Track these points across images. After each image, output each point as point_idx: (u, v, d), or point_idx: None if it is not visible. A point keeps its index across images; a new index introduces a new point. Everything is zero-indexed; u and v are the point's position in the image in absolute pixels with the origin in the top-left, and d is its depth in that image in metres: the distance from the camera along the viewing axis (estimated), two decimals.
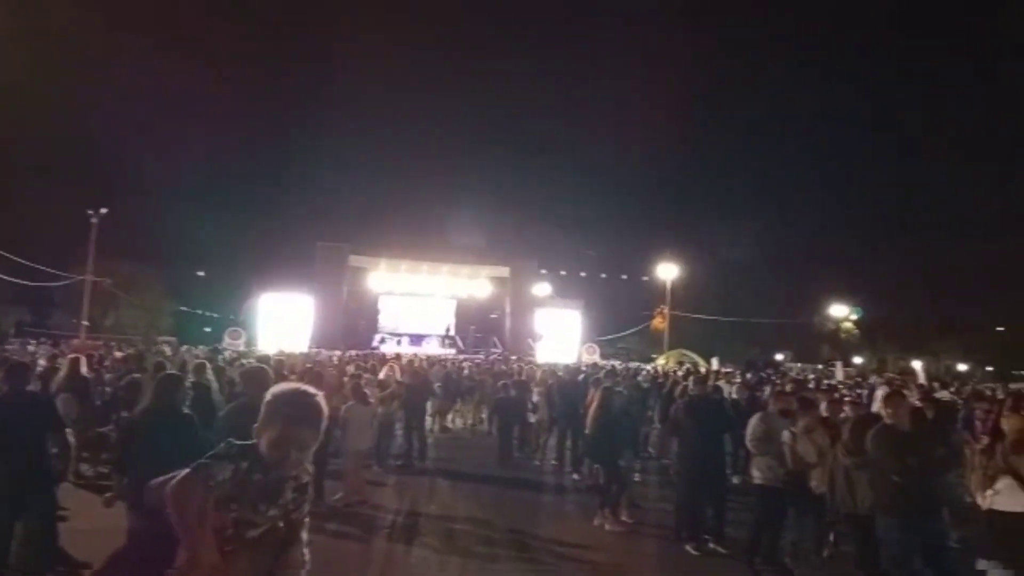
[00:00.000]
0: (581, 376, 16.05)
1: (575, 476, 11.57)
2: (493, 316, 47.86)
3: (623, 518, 8.75)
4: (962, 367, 54.65)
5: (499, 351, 39.86)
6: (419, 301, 47.06)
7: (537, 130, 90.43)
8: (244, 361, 15.32)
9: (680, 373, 19.22)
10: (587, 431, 9.37)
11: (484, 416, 17.30)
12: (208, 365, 10.49)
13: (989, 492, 4.56)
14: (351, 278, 44.20)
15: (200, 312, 53.29)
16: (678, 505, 8.33)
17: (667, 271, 46.35)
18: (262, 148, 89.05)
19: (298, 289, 41.47)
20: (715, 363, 38.21)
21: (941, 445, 6.51)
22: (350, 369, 15.62)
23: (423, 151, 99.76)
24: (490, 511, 9.34)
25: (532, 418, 14.14)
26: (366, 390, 10.39)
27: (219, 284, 50.33)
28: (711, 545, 7.73)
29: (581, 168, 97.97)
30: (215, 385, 9.77)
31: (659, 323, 48.21)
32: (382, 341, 42.86)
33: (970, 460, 6.20)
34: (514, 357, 31.02)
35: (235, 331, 39.60)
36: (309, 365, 13.90)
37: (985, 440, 5.62)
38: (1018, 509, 4.40)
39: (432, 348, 41.22)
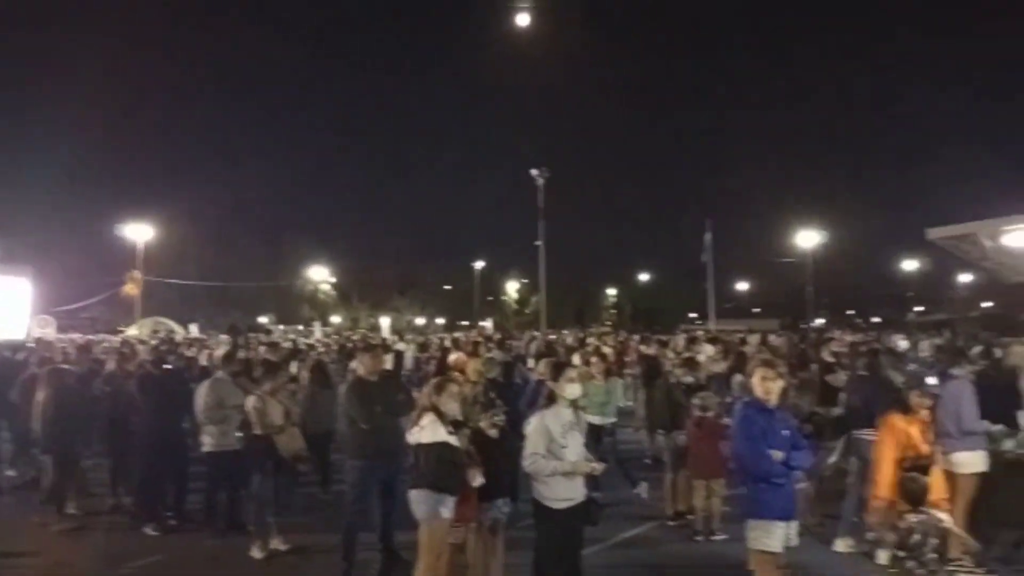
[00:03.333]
0: (22, 356, 13.59)
1: (11, 473, 9.85)
2: None
3: (71, 511, 7.86)
4: (420, 320, 63.48)
5: None
6: None
7: None
8: None
9: (154, 343, 17.95)
10: (34, 421, 8.06)
11: None
12: None
13: (416, 428, 5.29)
14: None
15: None
16: (137, 486, 7.90)
17: (139, 232, 42.03)
18: None
19: None
20: (194, 330, 36.68)
21: (401, 391, 7.36)
22: None
23: None
24: None
25: None
26: None
27: None
28: (172, 522, 7.56)
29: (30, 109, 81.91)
30: None
31: (131, 289, 43.81)
32: None
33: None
34: None
35: None
36: None
37: None
38: (438, 439, 5.19)
39: None
